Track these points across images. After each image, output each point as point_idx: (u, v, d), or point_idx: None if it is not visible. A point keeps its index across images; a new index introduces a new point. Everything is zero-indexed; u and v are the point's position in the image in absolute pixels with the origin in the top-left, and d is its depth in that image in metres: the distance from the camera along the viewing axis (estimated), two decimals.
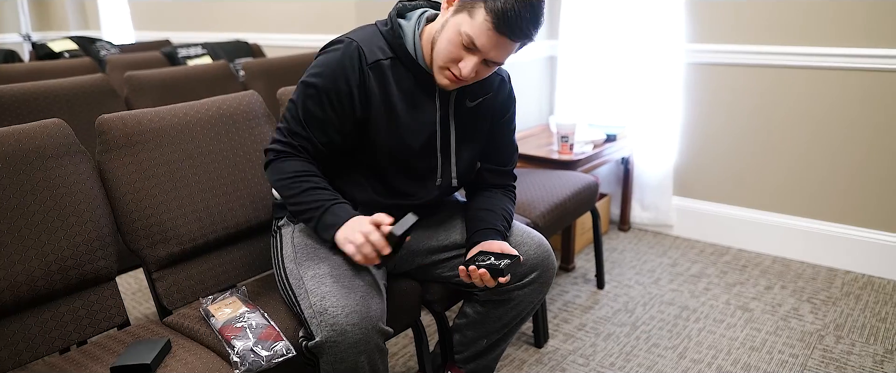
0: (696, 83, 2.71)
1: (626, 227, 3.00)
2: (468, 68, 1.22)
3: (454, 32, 1.22)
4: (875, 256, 2.43)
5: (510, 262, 1.27)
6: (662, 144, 2.82)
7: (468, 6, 1.20)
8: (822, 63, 2.39)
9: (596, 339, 2.05)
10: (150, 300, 2.37)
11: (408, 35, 1.32)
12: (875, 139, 2.36)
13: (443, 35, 1.25)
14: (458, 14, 1.22)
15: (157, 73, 2.41)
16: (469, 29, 1.19)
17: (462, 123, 1.41)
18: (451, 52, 1.23)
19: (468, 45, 1.21)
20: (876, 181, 2.39)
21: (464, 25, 1.20)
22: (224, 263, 1.54)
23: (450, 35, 1.23)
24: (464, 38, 1.20)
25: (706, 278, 2.47)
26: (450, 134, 1.39)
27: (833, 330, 2.07)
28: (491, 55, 1.22)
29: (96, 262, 1.32)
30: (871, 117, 2.35)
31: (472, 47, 1.21)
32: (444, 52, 1.24)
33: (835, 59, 2.36)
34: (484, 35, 1.19)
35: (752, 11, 2.50)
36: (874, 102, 2.33)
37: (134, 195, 1.39)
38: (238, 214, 1.54)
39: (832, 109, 2.42)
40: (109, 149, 1.39)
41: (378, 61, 1.29)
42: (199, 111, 1.54)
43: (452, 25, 1.23)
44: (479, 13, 1.18)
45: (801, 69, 2.45)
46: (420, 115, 1.35)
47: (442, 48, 1.24)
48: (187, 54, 3.35)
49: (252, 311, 1.30)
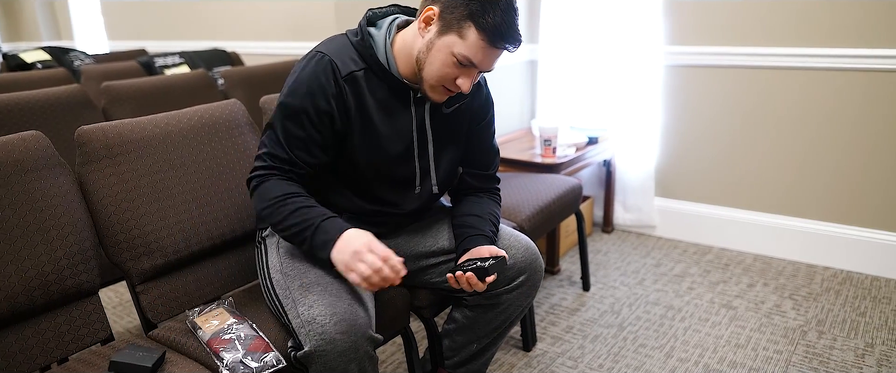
0: (676, 85, 2.75)
1: (609, 229, 3.02)
2: (467, 84, 1.25)
3: (446, 54, 1.22)
4: (852, 252, 2.48)
5: (495, 261, 1.27)
6: (644, 146, 2.84)
7: (455, 27, 1.21)
8: (798, 63, 2.44)
9: (584, 341, 2.06)
10: (132, 314, 2.33)
11: (379, 44, 1.31)
12: (851, 137, 2.41)
13: (433, 57, 1.24)
14: (444, 36, 1.22)
15: (135, 82, 2.37)
16: (463, 50, 1.21)
17: (439, 129, 1.40)
18: (446, 73, 1.24)
19: (465, 63, 1.22)
20: (851, 178, 2.44)
21: (456, 47, 1.21)
22: (209, 274, 1.51)
23: (442, 57, 1.23)
24: (459, 59, 1.22)
25: (690, 278, 2.49)
26: (427, 141, 1.39)
27: (815, 326, 2.10)
28: (486, 66, 1.25)
29: (78, 276, 1.30)
30: (846, 115, 2.40)
31: (469, 65, 1.23)
32: (437, 74, 1.25)
33: (810, 59, 2.41)
34: (480, 52, 1.21)
35: (728, 14, 2.54)
36: (850, 100, 2.38)
37: (116, 207, 1.36)
38: (223, 225, 1.52)
39: (808, 107, 2.47)
40: (90, 161, 1.36)
41: (352, 73, 1.28)
42: (180, 121, 1.52)
43: (442, 48, 1.23)
44: (470, 33, 1.20)
45: (777, 70, 2.50)
46: (396, 123, 1.34)
47: (435, 70, 1.25)
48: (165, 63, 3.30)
49: (240, 322, 1.28)
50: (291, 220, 1.23)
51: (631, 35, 2.73)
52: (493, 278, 1.28)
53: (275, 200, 1.25)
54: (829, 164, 2.47)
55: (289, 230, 1.24)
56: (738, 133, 2.65)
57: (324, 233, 1.21)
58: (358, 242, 1.18)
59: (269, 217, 1.26)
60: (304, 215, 1.23)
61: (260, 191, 1.28)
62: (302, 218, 1.23)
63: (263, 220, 1.30)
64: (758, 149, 2.62)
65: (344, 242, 1.19)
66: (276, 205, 1.24)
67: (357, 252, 1.17)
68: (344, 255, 1.18)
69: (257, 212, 1.29)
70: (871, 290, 2.33)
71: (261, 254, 1.40)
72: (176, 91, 2.49)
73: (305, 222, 1.22)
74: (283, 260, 1.31)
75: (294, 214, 1.23)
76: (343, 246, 1.19)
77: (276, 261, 1.33)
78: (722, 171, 2.73)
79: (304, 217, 1.23)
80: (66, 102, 2.09)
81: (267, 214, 1.26)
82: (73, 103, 2.11)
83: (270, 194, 1.25)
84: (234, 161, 1.58)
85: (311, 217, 1.23)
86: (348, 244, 1.18)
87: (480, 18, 1.18)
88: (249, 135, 1.65)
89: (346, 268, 1.18)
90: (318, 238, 1.21)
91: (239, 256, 1.58)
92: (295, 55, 3.43)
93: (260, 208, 1.28)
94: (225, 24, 4.03)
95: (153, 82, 2.44)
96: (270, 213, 1.25)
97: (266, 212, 1.26)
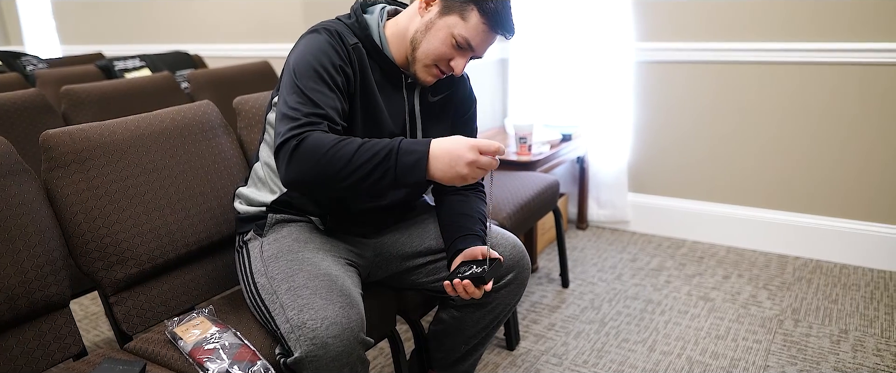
0: (647, 81, 2.77)
1: (583, 225, 3.03)
2: (461, 67, 1.28)
3: (446, 34, 1.25)
4: (821, 241, 2.53)
5: (490, 267, 1.24)
6: (616, 142, 2.86)
7: (457, 9, 1.24)
8: (764, 58, 2.49)
9: (567, 337, 2.06)
10: (99, 326, 2.23)
11: (373, 27, 1.32)
12: (817, 129, 2.46)
13: (431, 36, 1.26)
14: (446, 16, 1.25)
15: (97, 86, 2.28)
16: (464, 31, 1.24)
17: (427, 116, 1.40)
18: (443, 52, 1.26)
19: (463, 45, 1.25)
20: (818, 170, 2.50)
21: (457, 28, 1.24)
22: (187, 282, 1.45)
23: (441, 36, 1.25)
24: (459, 40, 1.24)
25: (666, 271, 2.51)
26: (416, 127, 1.39)
27: (790, 314, 2.14)
28: (481, 51, 1.28)
29: (47, 288, 1.22)
30: (811, 108, 2.45)
31: (467, 47, 1.25)
32: (434, 52, 1.26)
33: (776, 54, 2.46)
34: (480, 36, 1.25)
35: (697, 10, 2.58)
36: (815, 93, 2.43)
37: (86, 215, 1.29)
38: (199, 230, 1.46)
39: (775, 101, 2.52)
40: (56, 166, 1.29)
41: (356, 44, 1.29)
42: (152, 124, 1.46)
43: (443, 28, 1.25)
44: (473, 16, 1.23)
45: (746, 64, 2.54)
46: (391, 104, 1.34)
47: (433, 48, 1.26)
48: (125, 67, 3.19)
49: (223, 330, 1.23)
50: (362, 157, 1.09)
51: (601, 32, 2.75)
52: (490, 287, 1.25)
53: (331, 146, 1.09)
54: (796, 156, 2.53)
55: (362, 169, 1.09)
56: (707, 128, 2.69)
57: (407, 154, 1.09)
58: (451, 146, 1.09)
59: (329, 166, 1.09)
60: (375, 146, 1.10)
61: (305, 146, 1.10)
62: (373, 149, 1.10)
63: (318, 175, 1.11)
64: (727, 143, 2.66)
65: (437, 155, 1.09)
66: (335, 151, 1.09)
67: (458, 158, 1.08)
68: (447, 161, 1.09)
69: (308, 169, 1.10)
70: (840, 278, 2.39)
71: (242, 259, 1.35)
72: (140, 94, 2.40)
73: (382, 151, 1.09)
74: (267, 263, 1.26)
75: (360, 150, 1.09)
76: (440, 157, 1.09)
77: (259, 265, 1.28)
78: (693, 165, 2.76)
79: (374, 147, 1.10)
80: (24, 106, 1.99)
81: (324, 164, 1.09)
82: (31, 108, 2.01)
83: (324, 142, 1.10)
84: (209, 164, 1.52)
85: (383, 144, 1.10)
86: (444, 154, 1.09)
87: (484, 3, 1.22)
88: (224, 137, 1.59)
89: (457, 176, 1.09)
90: (403, 160, 1.09)
91: (217, 262, 1.53)
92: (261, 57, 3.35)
93: (310, 164, 1.10)
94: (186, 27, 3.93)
95: (115, 85, 2.35)
96: (329, 161, 1.09)
97: (324, 162, 1.09)
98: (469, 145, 1.09)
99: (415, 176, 1.10)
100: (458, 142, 1.10)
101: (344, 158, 1.09)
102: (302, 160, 1.11)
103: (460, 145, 1.09)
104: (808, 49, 2.40)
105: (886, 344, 1.94)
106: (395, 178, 1.10)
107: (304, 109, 1.16)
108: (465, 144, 1.09)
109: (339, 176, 1.10)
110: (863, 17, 2.28)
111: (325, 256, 1.28)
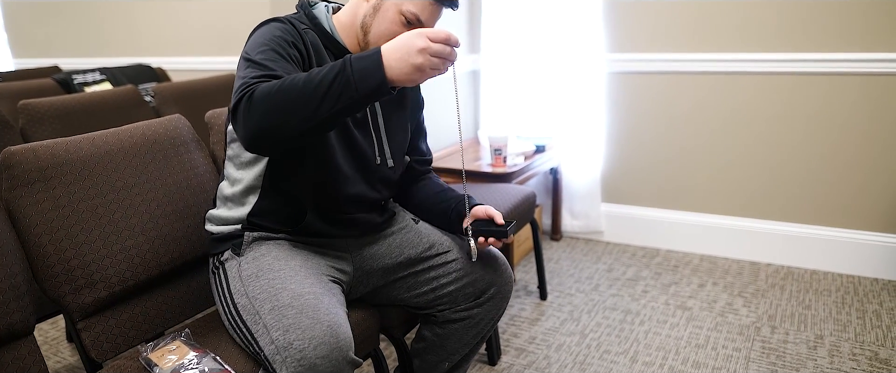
0: (618, 92, 2.80)
1: (557, 236, 3.03)
2: None
3: (394, 13, 1.25)
4: (791, 247, 2.58)
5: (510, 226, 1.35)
6: (589, 153, 2.87)
7: None
8: (736, 68, 2.53)
9: (548, 351, 2.03)
10: (66, 351, 2.12)
11: (321, 18, 1.33)
12: (787, 138, 2.51)
13: (380, 17, 1.27)
14: None
15: (58, 100, 2.18)
16: (412, 7, 1.24)
17: (388, 109, 1.40)
18: (394, 31, 1.25)
19: (412, 20, 1.25)
20: (788, 177, 2.55)
21: (405, 4, 1.24)
22: (159, 304, 1.38)
23: (390, 16, 1.26)
24: (409, 16, 1.25)
25: (643, 281, 2.52)
26: (377, 111, 1.37)
27: (766, 321, 2.16)
28: (430, 25, 1.27)
29: (10, 316, 1.15)
30: (783, 117, 2.50)
31: (417, 23, 1.25)
32: (386, 33, 1.26)
33: (747, 64, 2.51)
34: (427, 9, 1.25)
35: (668, 21, 2.61)
36: (786, 102, 2.49)
37: (51, 236, 1.22)
38: (172, 249, 1.40)
39: (746, 110, 2.56)
40: (18, 185, 1.21)
41: (306, 29, 1.29)
42: (121, 139, 1.39)
43: (390, 7, 1.25)
44: None
45: (716, 75, 2.58)
46: None
47: (384, 29, 1.26)
48: (84, 81, 3.07)
49: (202, 355, 1.17)
50: (316, 77, 1.04)
51: (572, 43, 2.77)
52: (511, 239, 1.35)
53: (280, 83, 1.04)
54: (766, 164, 2.58)
55: (319, 89, 1.03)
56: (679, 137, 2.72)
57: (359, 61, 1.05)
58: (400, 40, 1.05)
59: (285, 100, 1.03)
60: (326, 67, 1.05)
61: (256, 96, 1.05)
62: (324, 70, 1.05)
63: (277, 115, 1.04)
64: (699, 152, 2.70)
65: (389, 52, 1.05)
66: (287, 85, 1.04)
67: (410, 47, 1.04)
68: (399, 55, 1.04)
69: (261, 113, 1.04)
70: (812, 283, 2.43)
71: (219, 280, 1.29)
72: (102, 109, 2.30)
73: (335, 66, 1.04)
74: (247, 283, 1.21)
75: (311, 75, 1.04)
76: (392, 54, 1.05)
77: (238, 285, 1.22)
78: (665, 175, 2.79)
79: (327, 67, 1.05)
80: None
81: (280, 101, 1.03)
82: None
83: (272, 86, 1.04)
84: (181, 181, 1.46)
85: (334, 63, 1.05)
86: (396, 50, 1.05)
87: None
88: (196, 152, 1.53)
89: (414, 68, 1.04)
90: (357, 68, 1.04)
91: (192, 282, 1.46)
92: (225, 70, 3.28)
93: (265, 108, 1.03)
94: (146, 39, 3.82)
95: (77, 100, 2.25)
96: (285, 95, 1.03)
97: (278, 98, 1.03)
98: (417, 33, 1.06)
99: (374, 78, 1.04)
100: (405, 35, 1.06)
101: (297, 87, 1.04)
102: (257, 108, 1.04)
103: (409, 36, 1.06)
104: (777, 59, 2.45)
105: (861, 348, 1.97)
106: (356, 88, 1.04)
107: (254, 73, 1.11)
108: (412, 34, 1.06)
109: (298, 105, 1.03)
110: (831, 28, 2.34)
111: (308, 274, 1.24)
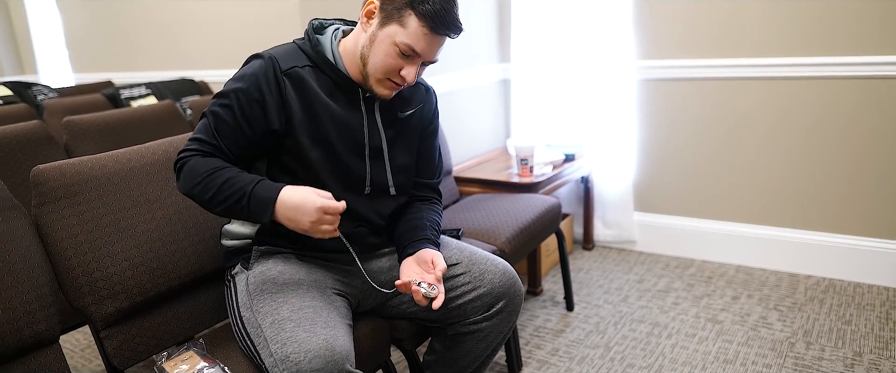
0: (649, 99, 2.75)
1: (589, 245, 2.99)
2: (412, 75, 1.26)
3: (389, 45, 1.23)
4: (834, 259, 2.48)
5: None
6: (621, 161, 2.83)
7: (395, 17, 1.22)
8: (770, 73, 2.45)
9: (570, 363, 2.01)
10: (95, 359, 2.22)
11: (325, 45, 1.32)
12: (828, 145, 2.42)
13: (376, 49, 1.25)
14: (386, 26, 1.23)
15: (99, 116, 2.30)
16: (405, 39, 1.22)
17: (394, 132, 1.39)
18: (389, 64, 1.24)
19: (407, 52, 1.23)
20: (831, 187, 2.45)
21: (398, 36, 1.22)
22: (178, 315, 1.44)
23: (385, 48, 1.24)
24: (402, 48, 1.22)
25: (674, 293, 2.47)
26: (380, 141, 1.37)
27: (802, 336, 2.08)
28: (429, 56, 1.26)
29: (36, 325, 1.22)
30: (823, 124, 2.41)
31: (412, 54, 1.23)
32: (382, 65, 1.25)
33: (784, 69, 2.43)
34: (422, 40, 1.22)
35: (698, 27, 2.56)
36: (827, 108, 2.39)
37: (76, 249, 1.29)
38: (191, 262, 1.45)
39: (783, 116, 2.48)
40: (46, 201, 1.29)
41: (293, 67, 1.28)
42: (144, 156, 1.46)
43: (385, 38, 1.23)
44: (411, 21, 1.21)
45: (750, 80, 2.51)
46: (343, 117, 1.32)
47: (379, 61, 1.25)
48: (130, 95, 3.23)
49: (211, 366, 1.21)
50: (224, 190, 1.20)
51: (602, 51, 2.73)
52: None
53: (204, 174, 1.21)
54: (807, 173, 2.48)
55: (224, 203, 1.20)
56: (713, 145, 2.65)
57: (264, 190, 1.19)
58: (300, 200, 1.16)
59: (201, 193, 1.22)
60: (237, 182, 1.20)
61: (186, 170, 1.24)
62: (235, 186, 1.20)
63: (194, 196, 1.24)
64: (734, 160, 2.62)
65: (289, 201, 1.17)
66: (206, 178, 1.21)
67: (303, 213, 1.16)
68: (287, 209, 1.17)
69: (185, 190, 1.24)
70: (854, 297, 2.33)
71: (230, 292, 1.34)
72: (141, 123, 2.41)
73: (240, 190, 1.19)
74: (253, 297, 1.25)
75: (226, 184, 1.20)
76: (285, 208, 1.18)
77: (245, 298, 1.27)
78: (700, 183, 2.72)
79: (236, 184, 1.20)
80: (25, 139, 2.01)
81: (197, 190, 1.22)
82: (32, 140, 2.02)
83: (200, 169, 1.22)
84: None
85: (244, 182, 1.20)
86: (289, 208, 1.17)
87: (419, 6, 1.20)
88: None
89: (291, 218, 1.17)
90: (256, 200, 1.18)
91: (211, 293, 1.52)
92: None
93: (188, 186, 1.23)
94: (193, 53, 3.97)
95: (118, 115, 2.37)
96: (201, 188, 1.21)
97: (197, 189, 1.22)
98: (316, 206, 1.14)
99: (264, 218, 1.18)
100: (307, 198, 1.15)
101: (211, 191, 1.20)
102: (185, 180, 1.24)
103: (308, 202, 1.15)
104: (813, 63, 2.36)
105: None
106: (249, 215, 1.20)
107: (201, 135, 1.26)
108: (312, 202, 1.15)
109: (208, 197, 1.21)
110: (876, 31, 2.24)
111: (311, 288, 1.27)
